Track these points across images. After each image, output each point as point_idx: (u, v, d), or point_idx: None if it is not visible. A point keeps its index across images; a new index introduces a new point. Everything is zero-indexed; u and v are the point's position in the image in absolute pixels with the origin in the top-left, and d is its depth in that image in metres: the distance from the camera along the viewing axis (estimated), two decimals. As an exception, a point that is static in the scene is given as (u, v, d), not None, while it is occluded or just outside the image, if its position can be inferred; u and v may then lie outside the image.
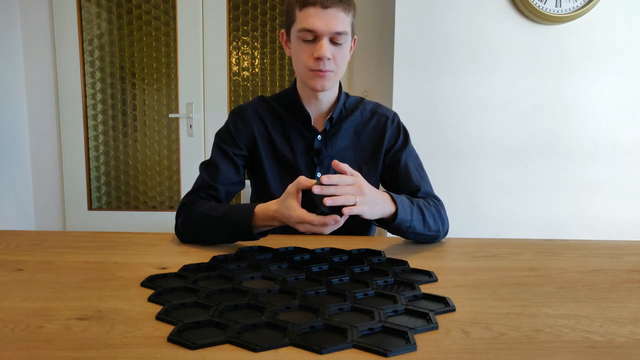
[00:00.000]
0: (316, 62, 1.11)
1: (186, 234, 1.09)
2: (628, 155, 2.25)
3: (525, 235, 2.26)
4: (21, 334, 0.63)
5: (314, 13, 1.08)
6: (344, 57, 1.14)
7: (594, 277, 0.90)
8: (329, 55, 1.10)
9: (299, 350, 0.60)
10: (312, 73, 1.13)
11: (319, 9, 1.07)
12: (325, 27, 1.08)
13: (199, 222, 1.07)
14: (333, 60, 1.12)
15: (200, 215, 1.07)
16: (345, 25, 1.10)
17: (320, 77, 1.13)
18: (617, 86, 2.21)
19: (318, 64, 1.11)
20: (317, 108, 1.24)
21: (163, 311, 0.70)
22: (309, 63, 1.12)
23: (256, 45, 2.69)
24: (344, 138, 1.25)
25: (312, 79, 1.14)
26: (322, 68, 1.11)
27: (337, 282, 0.83)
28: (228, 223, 1.03)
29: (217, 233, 1.05)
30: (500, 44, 2.17)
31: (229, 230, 1.04)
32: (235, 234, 1.04)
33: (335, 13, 1.08)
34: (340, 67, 1.15)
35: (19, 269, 0.89)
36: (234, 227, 1.03)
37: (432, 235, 1.10)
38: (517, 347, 0.62)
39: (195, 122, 2.70)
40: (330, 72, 1.13)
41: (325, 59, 1.10)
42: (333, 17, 1.08)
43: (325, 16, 1.07)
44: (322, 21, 1.08)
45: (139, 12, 2.65)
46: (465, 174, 2.25)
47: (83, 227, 2.74)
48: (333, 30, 1.08)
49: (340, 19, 1.09)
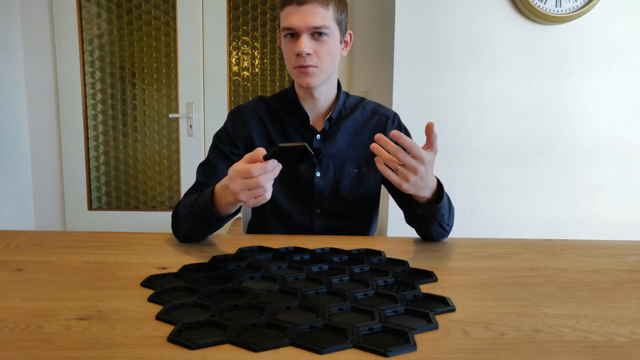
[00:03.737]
0: (297, 58, 1.12)
1: (179, 234, 1.09)
2: (628, 155, 2.25)
3: (525, 235, 2.26)
4: (21, 334, 0.63)
5: (291, 11, 1.10)
6: (328, 52, 1.14)
7: (594, 277, 0.90)
8: (307, 50, 1.10)
9: (299, 350, 0.60)
10: (296, 70, 1.15)
11: (295, 7, 1.10)
12: (302, 22, 1.09)
13: (182, 218, 1.07)
14: (315, 56, 1.12)
15: (181, 211, 1.08)
16: (323, 19, 1.10)
17: (303, 74, 1.14)
18: (617, 86, 2.21)
19: (299, 60, 1.12)
20: (315, 108, 1.24)
21: (163, 311, 0.70)
22: (293, 60, 1.14)
23: (256, 45, 2.69)
24: (344, 138, 1.25)
25: (298, 77, 1.16)
26: (303, 64, 1.12)
27: (337, 282, 0.83)
28: (197, 208, 1.04)
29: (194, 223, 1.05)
30: (500, 44, 2.17)
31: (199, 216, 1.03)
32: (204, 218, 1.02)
33: (311, 8, 1.09)
34: (324, 62, 1.14)
35: (19, 269, 0.89)
36: (202, 212, 1.02)
37: (446, 231, 1.12)
38: (517, 347, 0.62)
39: (195, 122, 2.70)
40: (314, 68, 1.13)
41: (305, 54, 1.11)
42: (309, 12, 1.09)
43: (301, 12, 1.09)
44: (299, 18, 1.09)
45: (139, 12, 2.65)
46: (465, 174, 2.25)
47: (83, 227, 2.74)
48: (310, 25, 1.09)
49: (317, 13, 1.10)
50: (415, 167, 0.91)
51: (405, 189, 0.94)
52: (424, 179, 0.95)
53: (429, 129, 0.94)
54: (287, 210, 1.24)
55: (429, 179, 0.96)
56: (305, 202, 1.24)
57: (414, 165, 0.91)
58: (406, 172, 0.92)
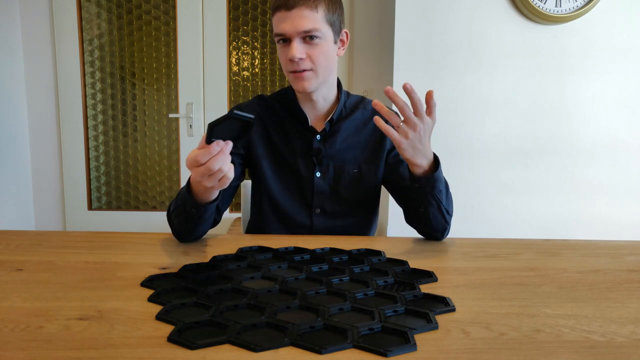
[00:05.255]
0: (291, 63, 1.13)
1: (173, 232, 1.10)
2: (628, 155, 2.25)
3: (525, 235, 2.26)
4: (21, 334, 0.63)
5: (281, 17, 1.10)
6: (321, 54, 1.13)
7: (594, 277, 0.90)
8: (299, 55, 1.10)
9: (299, 350, 0.60)
10: (292, 75, 1.15)
11: (284, 12, 1.10)
12: (292, 28, 1.09)
13: (172, 215, 1.08)
14: (309, 59, 1.12)
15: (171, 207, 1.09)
16: (313, 23, 1.10)
17: (298, 78, 1.14)
18: (617, 86, 2.21)
19: (293, 65, 1.12)
20: (315, 109, 1.24)
21: (163, 311, 0.70)
22: (287, 66, 1.14)
23: (256, 45, 2.69)
24: (344, 138, 1.25)
25: (293, 82, 1.16)
26: (296, 68, 1.12)
27: (337, 282, 0.83)
28: (180, 201, 1.05)
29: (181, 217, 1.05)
30: (500, 44, 2.17)
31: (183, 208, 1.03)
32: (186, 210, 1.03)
33: (299, 12, 1.09)
34: (319, 66, 1.14)
35: (19, 269, 0.89)
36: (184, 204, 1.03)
37: (445, 220, 1.12)
38: (517, 347, 0.62)
39: (195, 122, 2.70)
40: (308, 72, 1.13)
41: (297, 59, 1.11)
42: (298, 17, 1.09)
43: (290, 18, 1.09)
44: (288, 23, 1.10)
45: (139, 12, 2.65)
46: (465, 173, 2.25)
47: (83, 227, 2.74)
48: (300, 29, 1.09)
49: (305, 17, 1.09)
50: (415, 124, 0.95)
51: (404, 148, 0.97)
52: (421, 141, 0.98)
53: (429, 95, 0.96)
54: (287, 210, 1.24)
55: (426, 143, 0.99)
56: (305, 202, 1.24)
57: (415, 122, 0.95)
58: (407, 128, 0.95)
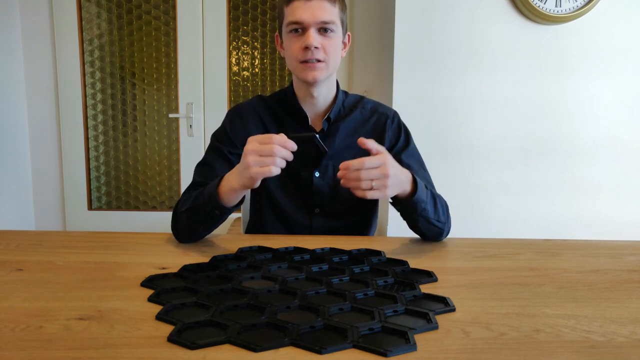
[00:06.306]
0: (305, 52, 1.12)
1: (178, 232, 1.10)
2: (628, 155, 2.24)
3: (525, 235, 2.26)
4: (21, 334, 0.63)
5: (299, 5, 1.11)
6: (334, 47, 1.15)
7: (594, 277, 0.90)
8: (316, 44, 1.11)
9: (299, 350, 0.60)
10: (302, 65, 1.14)
11: (303, 1, 1.11)
12: (311, 17, 1.10)
13: (182, 214, 1.08)
14: (322, 50, 1.13)
15: (182, 206, 1.09)
16: (331, 15, 1.12)
17: (310, 68, 1.14)
18: (617, 86, 2.20)
19: (307, 54, 1.12)
20: (314, 107, 1.24)
21: (163, 311, 0.70)
22: (299, 55, 1.13)
23: (256, 45, 2.69)
24: (343, 137, 1.25)
25: (303, 71, 1.15)
26: (311, 57, 1.12)
27: (337, 282, 0.83)
28: (201, 200, 1.05)
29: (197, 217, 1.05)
30: (500, 44, 2.17)
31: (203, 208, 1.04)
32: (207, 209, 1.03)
33: (320, 3, 1.11)
34: (331, 58, 1.15)
35: (19, 269, 0.89)
36: (206, 203, 1.03)
37: (439, 228, 1.11)
38: (517, 347, 0.62)
39: (195, 122, 2.70)
40: (321, 63, 1.14)
41: (313, 47, 1.11)
42: (318, 7, 1.10)
43: (310, 7, 1.10)
44: (307, 12, 1.10)
45: (139, 12, 2.65)
46: (465, 173, 2.24)
47: (83, 227, 2.74)
48: (319, 19, 1.10)
49: (325, 9, 1.11)
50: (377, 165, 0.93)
51: (389, 194, 0.96)
52: (397, 175, 0.97)
53: (361, 143, 0.96)
54: (287, 210, 1.24)
55: (396, 172, 0.98)
56: (305, 202, 1.24)
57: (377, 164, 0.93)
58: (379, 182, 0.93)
